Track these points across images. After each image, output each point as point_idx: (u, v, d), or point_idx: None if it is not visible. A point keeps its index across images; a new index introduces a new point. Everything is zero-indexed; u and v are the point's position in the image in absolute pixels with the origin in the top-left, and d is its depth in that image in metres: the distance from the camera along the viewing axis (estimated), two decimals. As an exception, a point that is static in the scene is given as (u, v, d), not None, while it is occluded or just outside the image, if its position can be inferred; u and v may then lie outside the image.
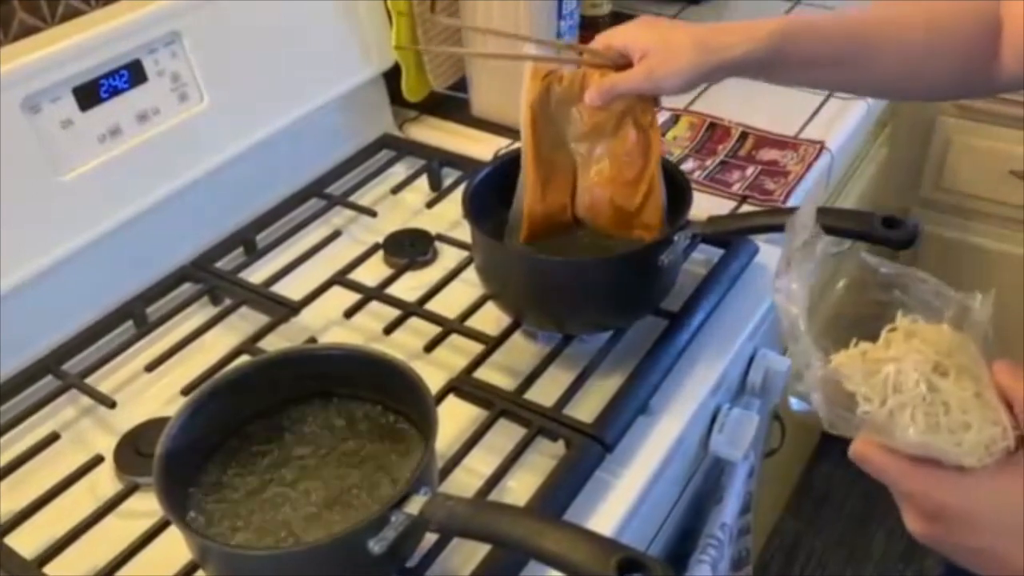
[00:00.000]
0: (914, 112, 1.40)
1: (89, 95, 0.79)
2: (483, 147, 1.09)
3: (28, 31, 0.79)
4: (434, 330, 0.81)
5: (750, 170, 1.03)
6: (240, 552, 0.55)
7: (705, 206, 0.94)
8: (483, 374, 0.77)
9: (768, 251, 0.90)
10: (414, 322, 0.83)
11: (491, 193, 0.84)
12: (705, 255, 0.89)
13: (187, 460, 0.61)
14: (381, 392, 0.66)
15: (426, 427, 0.60)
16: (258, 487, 0.62)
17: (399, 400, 0.65)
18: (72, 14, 0.82)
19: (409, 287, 0.88)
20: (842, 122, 1.12)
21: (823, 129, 1.10)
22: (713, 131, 1.10)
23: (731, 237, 0.83)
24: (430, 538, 0.61)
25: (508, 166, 0.86)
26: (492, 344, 0.79)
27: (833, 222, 0.68)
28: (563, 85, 0.77)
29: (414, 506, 0.53)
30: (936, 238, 1.48)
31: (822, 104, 1.15)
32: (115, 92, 0.81)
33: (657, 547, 0.81)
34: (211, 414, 0.63)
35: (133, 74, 0.82)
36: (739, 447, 0.80)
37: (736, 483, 0.85)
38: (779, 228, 0.74)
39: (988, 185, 1.38)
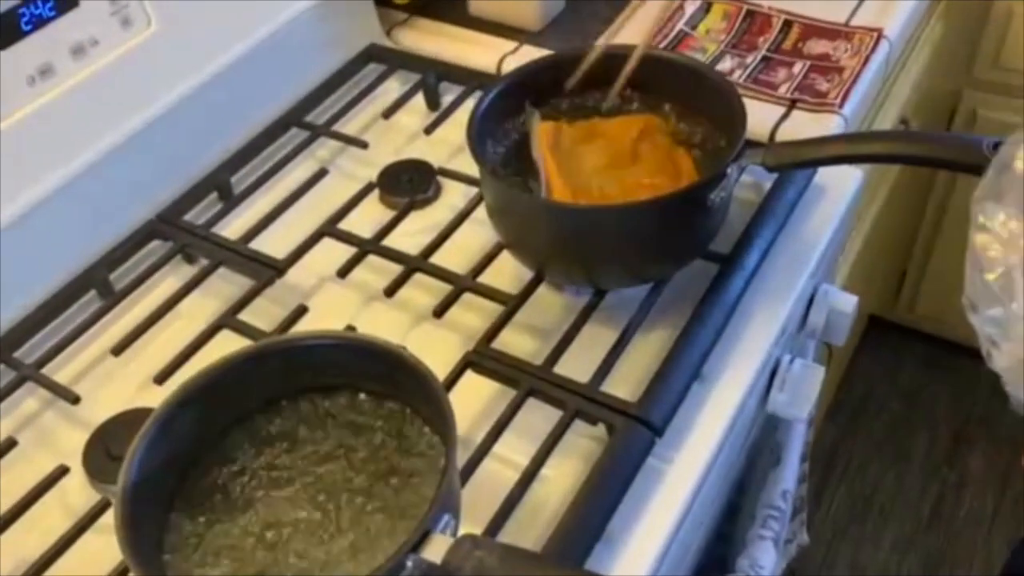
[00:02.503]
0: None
1: (8, 29, 0.65)
2: (485, 53, 0.94)
3: (-78, -48, 0.65)
4: (444, 288, 0.69)
5: (798, 67, 0.89)
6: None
7: (750, 114, 0.80)
8: (505, 341, 0.66)
9: (826, 170, 0.77)
10: (420, 278, 0.71)
11: (502, 112, 0.71)
12: (755, 178, 0.76)
13: (157, 489, 0.51)
14: (385, 386, 0.55)
15: (444, 436, 0.49)
16: (242, 510, 0.51)
17: (407, 393, 0.54)
18: (-25, -74, 0.67)
19: (411, 233, 0.76)
20: (896, 5, 0.96)
21: (878, 13, 0.95)
22: (752, 20, 0.95)
23: (804, 168, 0.69)
24: None
25: (518, 85, 0.73)
26: (513, 304, 0.67)
27: (931, 151, 0.55)
28: (572, 128, 0.70)
29: (436, 551, 0.43)
30: (990, 121, 1.34)
31: (876, -19, 0.99)
32: (40, 22, 0.67)
33: (709, 522, 0.72)
34: (182, 428, 0.52)
35: (59, -2, 0.67)
36: (803, 406, 0.69)
37: (796, 441, 0.74)
38: (869, 159, 0.62)
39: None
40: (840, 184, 0.76)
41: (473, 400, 0.64)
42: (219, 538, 0.50)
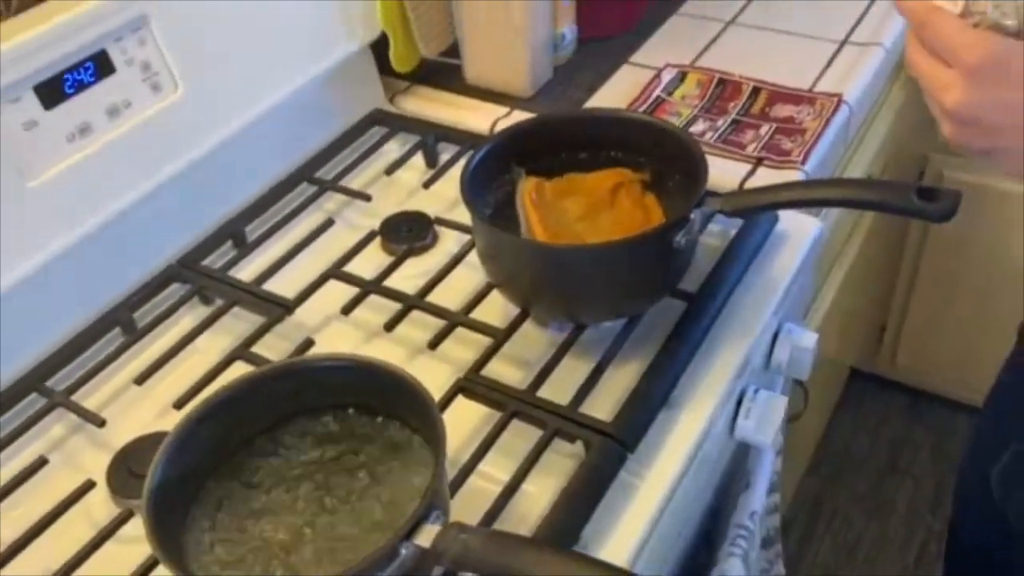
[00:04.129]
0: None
1: (53, 92, 0.73)
2: (480, 117, 1.03)
3: (-19, 25, 0.73)
4: (438, 324, 0.76)
5: (764, 129, 0.97)
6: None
7: (719, 170, 0.89)
8: (493, 370, 0.73)
9: (788, 218, 0.84)
10: (416, 315, 0.78)
11: (493, 168, 0.79)
12: (722, 227, 0.84)
13: (178, 492, 0.57)
14: (384, 403, 0.61)
15: (435, 444, 0.55)
16: (257, 515, 0.57)
17: (404, 411, 0.61)
18: (28, 4, 0.75)
19: (409, 276, 0.83)
20: (859, 71, 1.05)
21: (839, 80, 1.04)
22: (723, 87, 1.04)
23: (752, 215, 0.77)
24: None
25: (507, 143, 0.81)
26: (501, 337, 0.74)
27: (863, 195, 0.63)
28: (553, 184, 0.79)
29: (426, 537, 0.49)
30: (955, 182, 1.42)
31: (837, 52, 1.09)
32: (81, 87, 0.75)
33: (683, 543, 0.77)
34: (202, 440, 0.58)
35: (99, 66, 0.76)
36: (767, 432, 0.75)
37: (764, 467, 0.80)
38: (811, 204, 0.69)
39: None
40: (800, 232, 0.84)
41: (464, 423, 0.70)
42: (232, 536, 0.56)
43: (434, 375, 0.73)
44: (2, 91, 0.69)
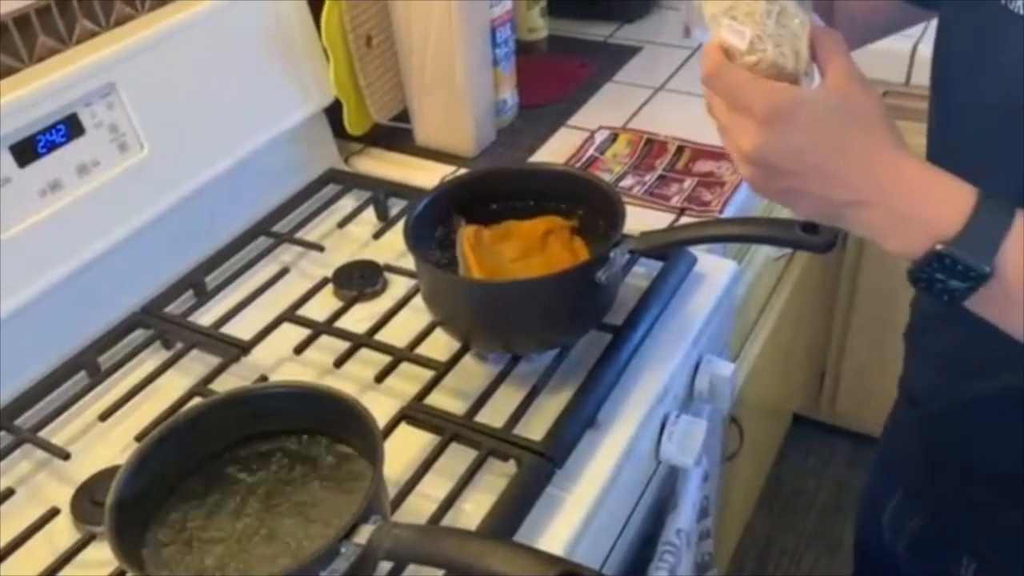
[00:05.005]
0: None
1: (26, 151, 0.80)
2: (428, 175, 1.11)
3: (-38, 92, 0.80)
4: (384, 360, 0.82)
5: (687, 183, 1.06)
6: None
7: (645, 220, 0.97)
8: (435, 400, 0.79)
9: (706, 261, 0.92)
10: (364, 353, 0.84)
11: (436, 217, 0.87)
12: (646, 269, 0.91)
13: (138, 507, 0.62)
14: (329, 425, 0.67)
15: (373, 455, 0.61)
16: (212, 527, 0.62)
17: (347, 432, 0.67)
18: (6, 72, 0.83)
19: (359, 319, 0.89)
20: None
21: (757, 137, 1.13)
22: (651, 147, 1.13)
23: (660, 251, 0.85)
24: (384, 568, 0.62)
25: (449, 194, 0.88)
26: (442, 369, 0.81)
27: (753, 231, 0.71)
28: (490, 230, 0.86)
29: (363, 536, 0.55)
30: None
31: (755, 113, 1.18)
32: (53, 146, 0.82)
33: (617, 557, 0.83)
34: (161, 459, 0.64)
35: (70, 127, 0.83)
36: (689, 453, 0.82)
37: (690, 489, 0.87)
38: (710, 240, 0.77)
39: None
40: (717, 272, 0.92)
41: (407, 449, 0.75)
42: (186, 545, 0.61)
43: (380, 406, 0.78)
44: (-20, 150, 0.76)
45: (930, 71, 0.68)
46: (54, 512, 0.72)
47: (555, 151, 1.14)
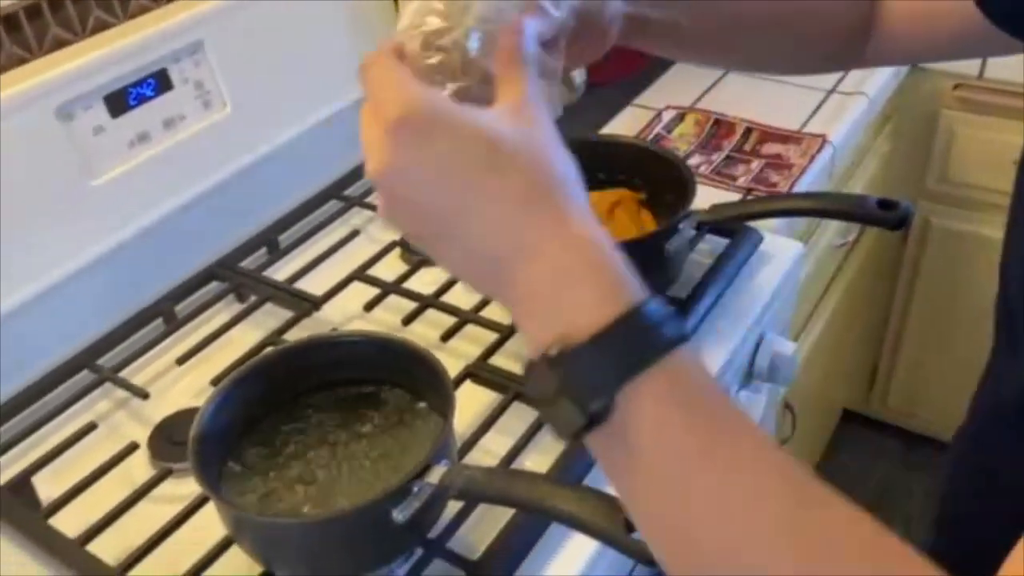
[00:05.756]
0: (916, 107, 1.43)
1: (119, 103, 0.83)
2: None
3: (61, 43, 0.84)
4: (450, 320, 0.84)
5: (755, 164, 1.06)
6: (271, 521, 0.59)
7: (713, 198, 0.97)
8: (498, 361, 0.80)
9: (773, 241, 0.93)
10: (431, 314, 0.86)
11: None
12: (711, 246, 0.92)
13: (218, 442, 0.64)
14: (403, 376, 0.69)
15: (444, 406, 0.63)
16: (287, 465, 0.65)
17: (420, 383, 0.69)
18: (101, 27, 0.86)
19: (425, 282, 0.91)
20: (843, 116, 1.15)
21: (825, 123, 1.13)
22: (718, 127, 1.13)
23: (733, 224, 0.86)
24: (451, 510, 0.64)
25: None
26: (506, 332, 0.82)
27: (830, 205, 0.71)
28: None
29: (435, 476, 0.56)
30: (942, 230, 1.50)
31: (824, 99, 1.18)
32: (143, 100, 0.85)
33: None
34: (240, 400, 0.66)
35: (159, 82, 0.86)
36: (747, 428, 0.82)
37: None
38: (781, 214, 0.78)
39: (992, 176, 1.40)
40: (783, 252, 0.92)
41: (470, 406, 0.77)
42: (263, 480, 0.64)
43: (445, 364, 0.80)
44: (78, 98, 0.79)
45: None
46: (133, 447, 0.75)
47: (621, 129, 1.15)
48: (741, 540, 0.35)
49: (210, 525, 0.65)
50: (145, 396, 0.80)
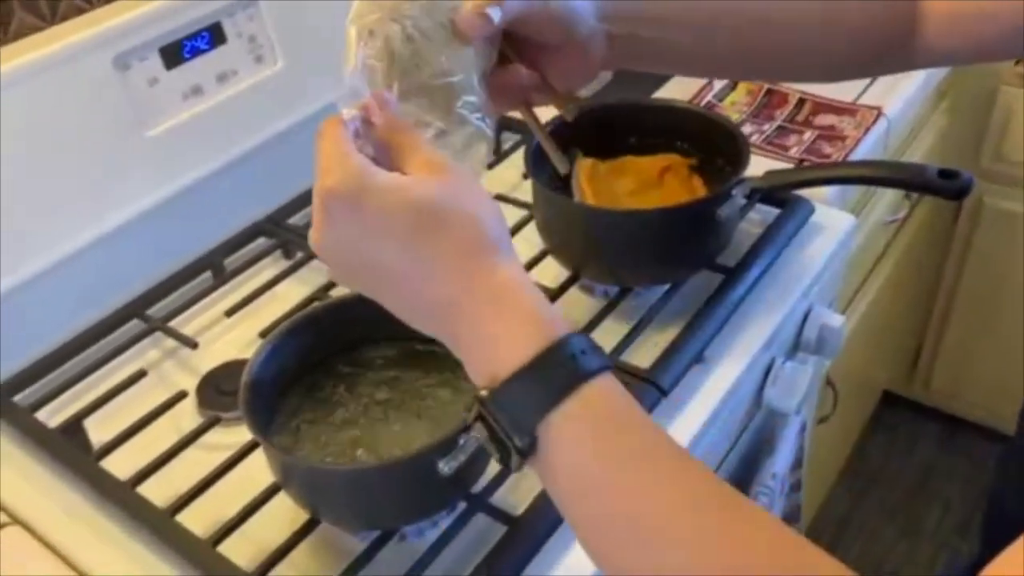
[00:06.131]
0: (975, 82, 1.39)
1: (174, 55, 0.84)
2: (541, 111, 1.11)
3: (118, -6, 0.84)
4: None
5: (807, 135, 1.04)
6: (320, 468, 0.59)
7: (764, 168, 0.95)
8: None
9: (825, 212, 0.91)
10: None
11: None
12: (761, 215, 0.91)
13: (269, 390, 0.65)
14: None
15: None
16: (335, 416, 0.66)
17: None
18: (157, -21, 0.86)
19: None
20: (900, 89, 1.12)
21: (881, 96, 1.11)
22: (771, 97, 1.11)
23: (787, 192, 0.84)
24: (495, 466, 0.64)
25: (566, 127, 0.89)
26: (550, 297, 0.82)
27: (890, 173, 0.70)
28: (607, 164, 0.85)
29: (482, 432, 0.56)
30: (994, 210, 1.47)
31: (881, 71, 1.15)
32: (197, 52, 0.85)
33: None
34: (291, 349, 0.67)
35: (214, 35, 0.86)
36: (792, 398, 0.82)
37: (789, 435, 0.86)
38: (838, 181, 0.76)
39: (1050, 156, 1.37)
40: (834, 224, 0.90)
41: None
42: (311, 428, 0.65)
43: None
44: (134, 50, 0.80)
45: None
46: (181, 395, 0.76)
47: (672, 96, 1.13)
48: (659, 555, 0.38)
49: (256, 474, 0.66)
50: (194, 346, 0.81)
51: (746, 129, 1.06)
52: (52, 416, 0.75)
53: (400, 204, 0.42)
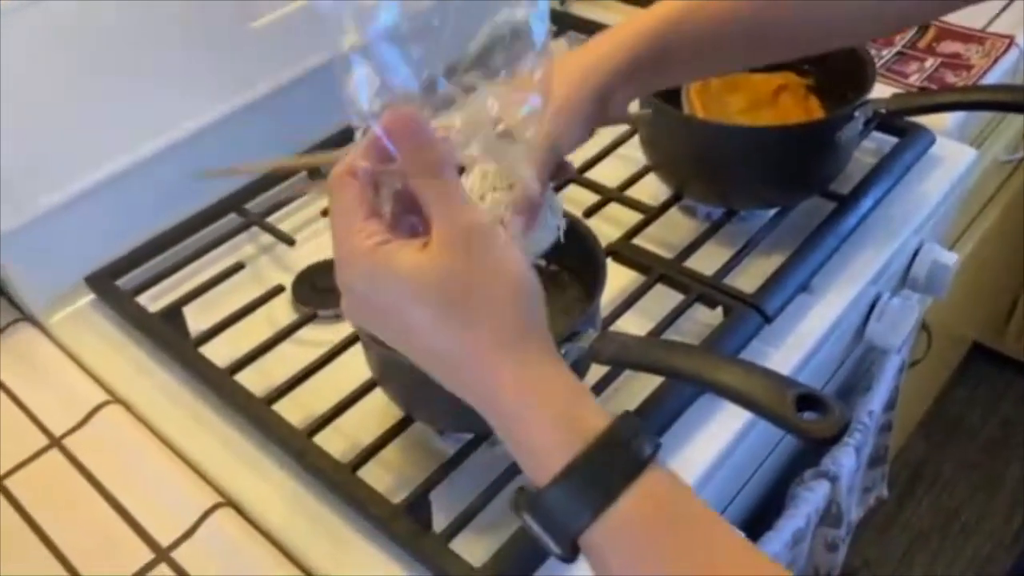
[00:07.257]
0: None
1: (279, -55, 0.82)
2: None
3: None
4: (593, 198, 0.82)
5: (929, 62, 0.98)
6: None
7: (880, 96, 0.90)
8: (641, 243, 0.78)
9: (944, 144, 0.86)
10: (572, 189, 0.84)
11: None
12: (877, 144, 0.86)
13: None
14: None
15: (595, 274, 0.62)
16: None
17: (567, 254, 0.67)
18: None
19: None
20: (1038, 15, 1.04)
21: (1014, 23, 1.03)
22: (892, 21, 1.05)
23: (906, 120, 0.79)
24: (588, 381, 0.63)
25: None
26: (652, 214, 0.80)
27: (993, 97, 0.64)
28: (719, 79, 0.82)
29: (585, 340, 0.55)
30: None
31: (1015, -2, 1.07)
32: (304, -56, 0.83)
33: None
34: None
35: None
36: (897, 336, 0.78)
37: (887, 374, 0.84)
38: (972, 106, 0.71)
39: None
40: (955, 157, 0.86)
41: (611, 285, 0.74)
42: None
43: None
44: (243, -65, 0.78)
45: None
46: (278, 290, 0.77)
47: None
48: None
49: (350, 372, 0.67)
50: (291, 243, 0.81)
51: (863, 53, 1.00)
52: (152, 302, 0.77)
53: (418, 297, 0.39)
